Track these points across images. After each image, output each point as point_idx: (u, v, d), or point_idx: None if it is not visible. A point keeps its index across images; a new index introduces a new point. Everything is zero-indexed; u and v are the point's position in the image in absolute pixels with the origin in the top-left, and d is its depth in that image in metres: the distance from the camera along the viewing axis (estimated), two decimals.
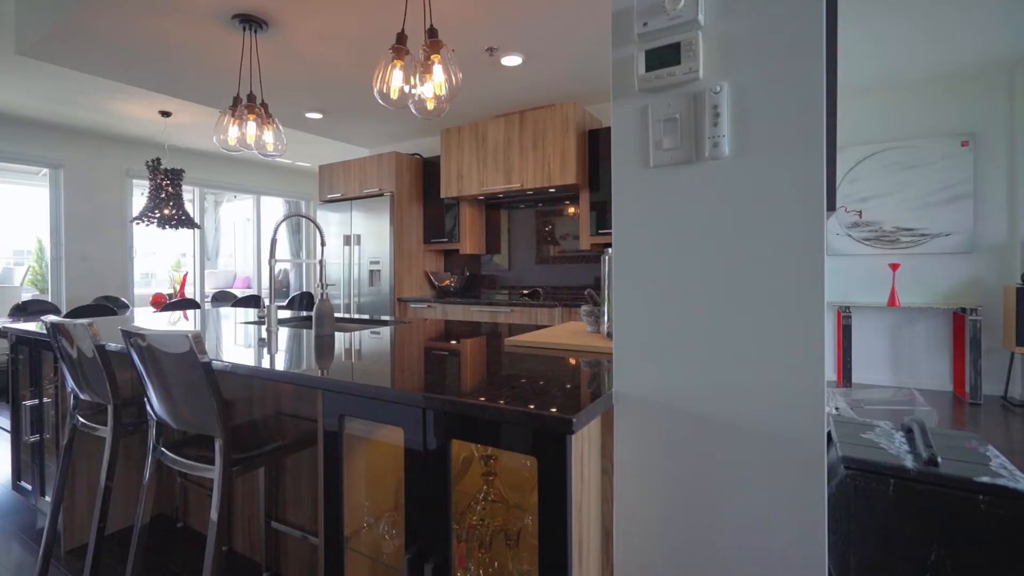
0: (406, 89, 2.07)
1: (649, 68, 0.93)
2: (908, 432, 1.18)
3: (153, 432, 1.57)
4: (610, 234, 3.69)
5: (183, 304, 4.70)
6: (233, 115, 2.57)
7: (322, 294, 1.96)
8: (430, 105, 2.10)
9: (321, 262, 2.27)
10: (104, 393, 1.76)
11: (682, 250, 0.92)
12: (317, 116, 4.42)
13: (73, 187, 5.75)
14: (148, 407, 1.56)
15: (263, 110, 2.61)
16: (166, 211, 5.00)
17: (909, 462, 1.04)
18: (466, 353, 1.48)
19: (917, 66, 3.92)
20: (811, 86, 0.81)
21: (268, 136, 2.70)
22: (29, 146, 5.42)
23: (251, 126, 2.56)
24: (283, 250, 9.18)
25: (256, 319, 2.40)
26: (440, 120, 4.60)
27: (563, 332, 1.74)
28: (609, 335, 1.54)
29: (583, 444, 0.92)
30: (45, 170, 5.68)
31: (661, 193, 0.94)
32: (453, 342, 1.72)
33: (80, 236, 5.81)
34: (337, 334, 1.93)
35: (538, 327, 2.05)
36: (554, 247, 4.35)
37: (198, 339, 1.33)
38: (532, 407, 0.86)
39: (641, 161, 0.97)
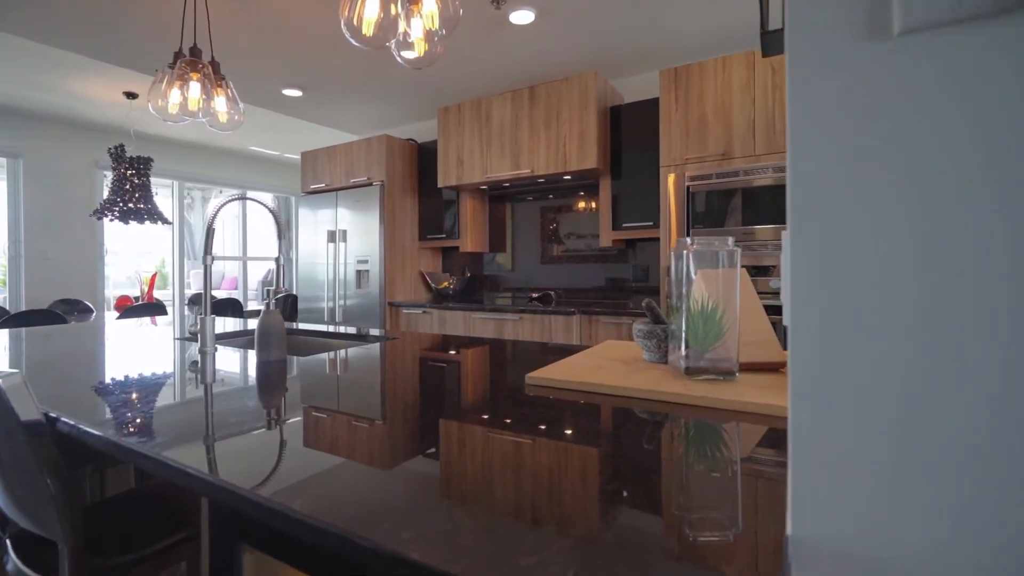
0: (398, 51, 1.53)
1: None
2: None
3: None
4: (634, 229, 3.15)
5: (148, 309, 4.18)
6: (174, 74, 2.03)
7: (268, 303, 1.42)
8: (419, 48, 1.56)
9: (278, 260, 1.74)
10: None
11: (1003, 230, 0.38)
12: (295, 93, 3.88)
13: (34, 179, 5.22)
14: None
15: (211, 69, 2.08)
16: (131, 204, 4.47)
17: None
18: (467, 405, 0.94)
19: None
20: None
21: (220, 104, 2.16)
22: None
23: (194, 88, 2.02)
24: (272, 248, 8.64)
25: (189, 334, 1.86)
26: (437, 94, 4.06)
27: (606, 360, 1.20)
28: (689, 371, 1.00)
29: None
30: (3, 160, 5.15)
31: (919, 94, 0.40)
32: (449, 376, 1.18)
33: (42, 233, 5.28)
34: (292, 359, 1.40)
35: (557, 347, 1.51)
36: (566, 244, 3.81)
37: (18, 388, 0.80)
38: None
39: (861, 28, 0.43)
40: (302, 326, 2.18)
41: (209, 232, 1.60)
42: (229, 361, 1.38)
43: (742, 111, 2.48)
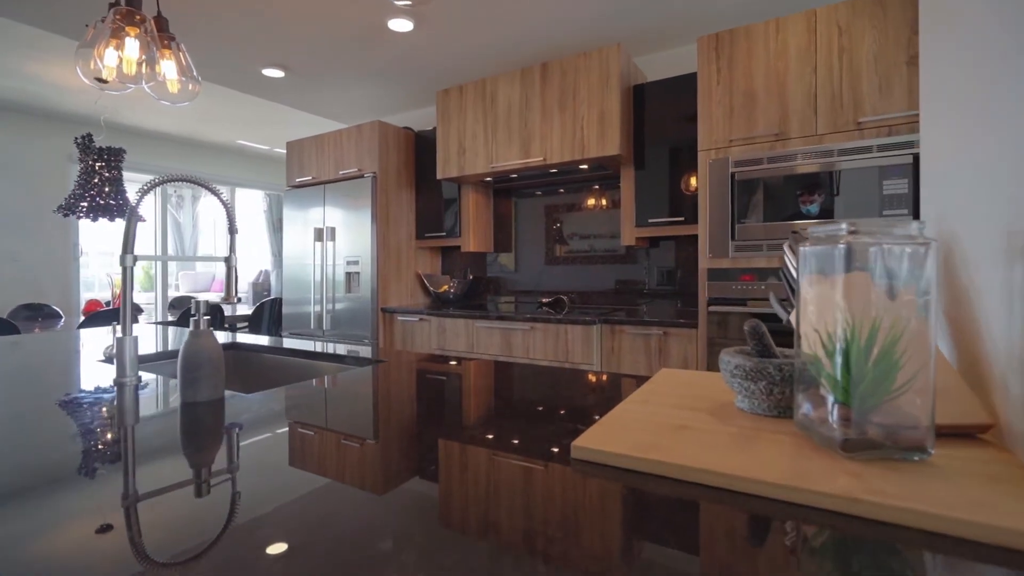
0: None
1: None
2: None
3: None
4: (663, 225, 2.74)
5: (115, 315, 3.78)
6: (106, 29, 1.63)
7: (197, 321, 1.02)
8: None
9: (228, 260, 1.34)
10: None
11: None
12: (277, 74, 3.48)
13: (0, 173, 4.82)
14: None
15: (154, 25, 1.68)
16: (101, 200, 4.07)
17: None
18: (484, 511, 0.54)
19: None
20: None
21: (169, 68, 1.76)
22: None
23: (131, 46, 1.62)
24: (264, 249, 8.25)
25: (104, 357, 1.45)
26: (436, 75, 3.66)
27: (683, 408, 0.80)
28: (849, 445, 0.60)
29: None
30: None
31: None
32: (448, 428, 0.78)
33: (9, 231, 4.88)
34: (233, 398, 1.00)
35: (587, 377, 1.11)
36: (576, 244, 3.41)
37: None
38: None
39: None
40: (287, 343, 1.78)
41: (131, 218, 1.20)
42: (143, 398, 0.98)
43: (800, 83, 2.08)
